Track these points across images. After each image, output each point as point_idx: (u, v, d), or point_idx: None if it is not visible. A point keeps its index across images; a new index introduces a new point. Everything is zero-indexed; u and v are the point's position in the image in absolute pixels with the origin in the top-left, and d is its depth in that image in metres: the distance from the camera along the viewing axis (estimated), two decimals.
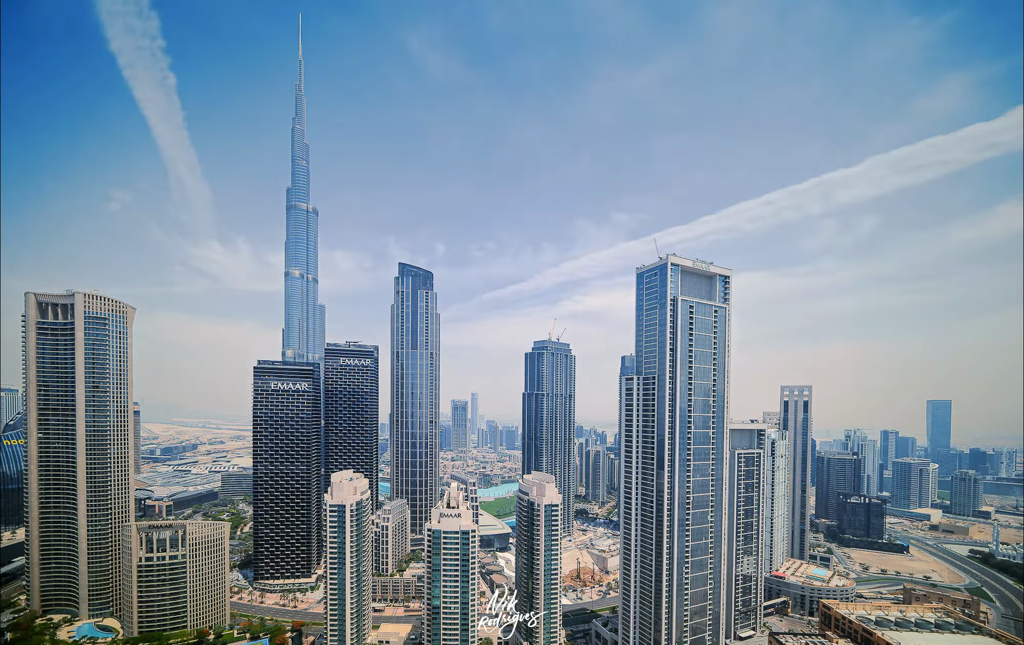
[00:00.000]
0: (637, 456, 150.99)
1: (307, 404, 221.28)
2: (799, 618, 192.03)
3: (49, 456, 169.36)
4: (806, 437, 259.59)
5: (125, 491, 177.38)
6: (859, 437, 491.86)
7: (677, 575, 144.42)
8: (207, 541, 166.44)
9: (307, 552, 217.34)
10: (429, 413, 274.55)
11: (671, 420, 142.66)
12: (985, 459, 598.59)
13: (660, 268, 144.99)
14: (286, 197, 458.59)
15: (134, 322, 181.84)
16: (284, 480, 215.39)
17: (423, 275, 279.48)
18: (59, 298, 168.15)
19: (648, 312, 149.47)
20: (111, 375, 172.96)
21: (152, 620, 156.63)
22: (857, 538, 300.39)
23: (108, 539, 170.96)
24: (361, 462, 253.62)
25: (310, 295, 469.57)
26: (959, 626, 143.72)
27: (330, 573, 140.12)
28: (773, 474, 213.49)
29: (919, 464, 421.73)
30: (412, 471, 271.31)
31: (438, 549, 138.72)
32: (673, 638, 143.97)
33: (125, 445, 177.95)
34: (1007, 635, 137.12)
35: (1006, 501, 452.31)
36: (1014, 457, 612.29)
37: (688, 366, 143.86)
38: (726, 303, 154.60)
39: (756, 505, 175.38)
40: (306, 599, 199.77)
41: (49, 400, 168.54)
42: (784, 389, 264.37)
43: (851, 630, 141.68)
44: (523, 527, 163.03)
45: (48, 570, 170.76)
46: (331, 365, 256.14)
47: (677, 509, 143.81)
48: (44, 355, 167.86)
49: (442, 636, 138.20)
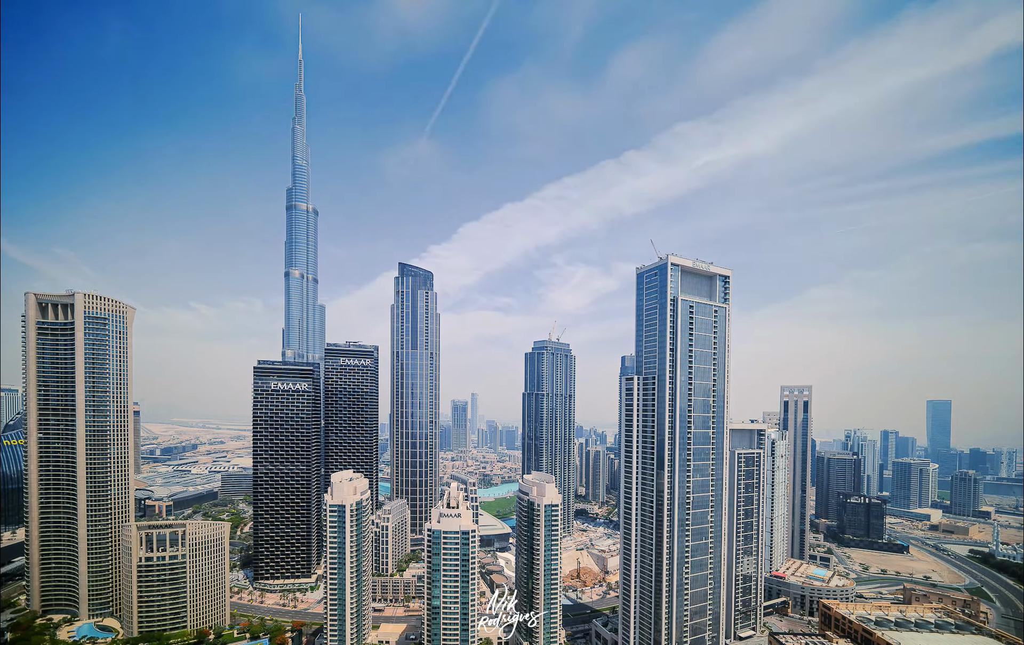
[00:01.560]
0: (637, 456, 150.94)
1: (307, 404, 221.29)
2: (799, 618, 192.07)
3: (49, 456, 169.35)
4: (806, 437, 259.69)
5: (125, 491, 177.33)
6: (859, 437, 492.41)
7: (677, 575, 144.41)
8: (207, 541, 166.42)
9: (307, 552, 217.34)
10: (429, 413, 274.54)
11: (671, 420, 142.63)
12: (985, 459, 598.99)
13: (660, 268, 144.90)
14: (286, 197, 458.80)
15: (134, 322, 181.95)
16: (284, 480, 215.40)
17: (423, 275, 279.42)
18: (59, 298, 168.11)
19: (648, 312, 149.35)
20: (111, 375, 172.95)
21: (152, 620, 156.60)
22: (857, 538, 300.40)
23: (108, 539, 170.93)
24: (361, 462, 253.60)
25: (310, 295, 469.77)
26: (959, 626, 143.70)
27: (330, 573, 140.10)
28: (773, 474, 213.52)
29: (919, 464, 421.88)
30: (412, 471, 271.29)
31: (438, 549, 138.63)
32: (673, 638, 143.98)
33: (125, 445, 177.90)
34: (1007, 635, 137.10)
35: (1006, 501, 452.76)
36: (1014, 457, 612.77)
37: (688, 366, 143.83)
38: (726, 303, 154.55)
39: (756, 505, 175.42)
40: (306, 599, 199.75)
41: (49, 400, 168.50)
42: (784, 389, 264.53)
43: (851, 630, 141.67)
44: (523, 527, 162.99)
45: (48, 570, 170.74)
46: (331, 365, 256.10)
47: (677, 509, 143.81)
48: (44, 355, 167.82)
49: (442, 636, 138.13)
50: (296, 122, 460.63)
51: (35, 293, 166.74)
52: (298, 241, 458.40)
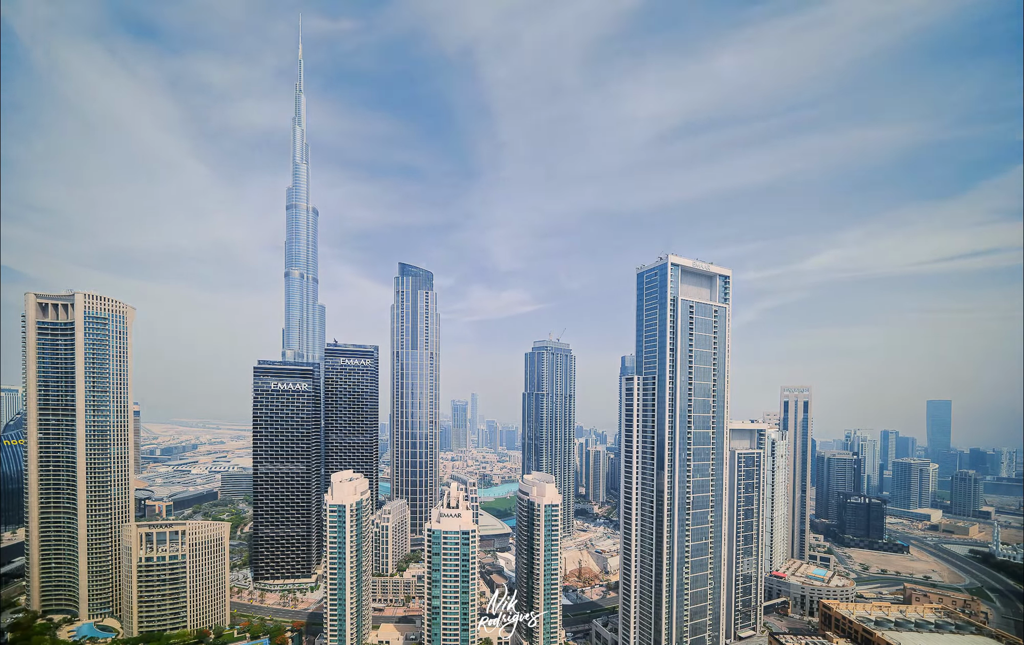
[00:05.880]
0: (637, 456, 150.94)
1: (307, 404, 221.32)
2: (799, 618, 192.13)
3: (49, 456, 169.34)
4: (806, 437, 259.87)
5: (125, 491, 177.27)
6: (859, 437, 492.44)
7: (677, 575, 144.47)
8: (207, 541, 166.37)
9: (307, 552, 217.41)
10: (429, 413, 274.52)
11: (671, 420, 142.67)
12: (985, 459, 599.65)
13: (660, 268, 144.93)
14: (286, 197, 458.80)
15: (134, 322, 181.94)
16: (284, 480, 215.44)
17: (423, 275, 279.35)
18: (59, 298, 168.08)
19: (648, 312, 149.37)
20: (111, 375, 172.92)
21: (152, 620, 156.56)
22: (857, 538, 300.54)
23: (108, 539, 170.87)
24: (361, 462, 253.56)
25: (310, 295, 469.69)
26: (959, 626, 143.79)
27: (330, 573, 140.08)
28: (773, 474, 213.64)
29: (919, 464, 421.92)
30: (412, 471, 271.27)
31: (438, 549, 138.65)
32: (673, 638, 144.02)
33: (125, 445, 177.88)
34: (1007, 635, 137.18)
35: (1006, 501, 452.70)
36: (1014, 457, 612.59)
37: (688, 366, 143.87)
38: (726, 303, 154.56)
39: (756, 505, 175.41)
40: (306, 599, 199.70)
41: (49, 400, 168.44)
42: (784, 389, 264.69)
43: (851, 630, 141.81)
44: (523, 527, 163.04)
45: (48, 570, 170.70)
46: (331, 365, 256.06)
47: (677, 509, 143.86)
48: (44, 355, 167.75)
49: (442, 636, 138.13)
50: (296, 122, 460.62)
51: (35, 293, 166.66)
52: (298, 241, 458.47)
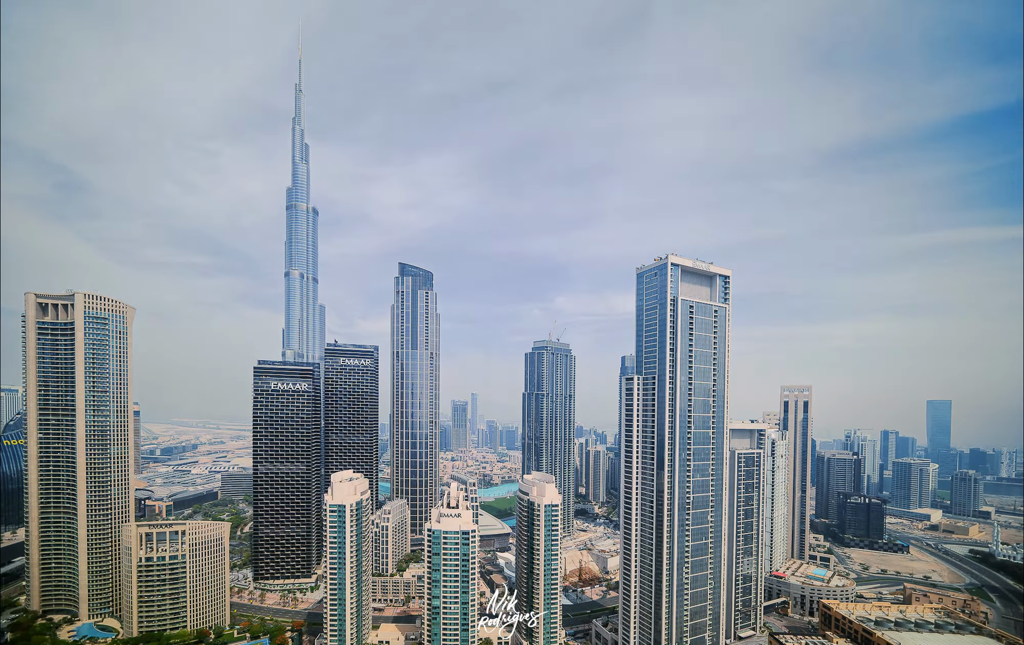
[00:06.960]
0: (637, 456, 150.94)
1: (307, 404, 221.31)
2: (799, 618, 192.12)
3: (49, 456, 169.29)
4: (806, 437, 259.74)
5: (125, 491, 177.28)
6: (859, 437, 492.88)
7: (677, 575, 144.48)
8: (207, 541, 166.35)
9: (307, 552, 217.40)
10: (429, 413, 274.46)
11: (671, 420, 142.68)
12: (985, 459, 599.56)
13: (660, 268, 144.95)
14: (286, 197, 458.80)
15: (134, 322, 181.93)
16: (284, 480, 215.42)
17: (423, 275, 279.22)
18: (59, 298, 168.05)
19: (648, 312, 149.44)
20: (111, 375, 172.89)
21: (152, 620, 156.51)
22: (857, 538, 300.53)
23: (108, 539, 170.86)
24: (361, 462, 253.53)
25: (310, 295, 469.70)
26: (959, 626, 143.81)
27: (330, 573, 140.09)
28: (773, 474, 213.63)
29: (919, 464, 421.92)
30: (412, 471, 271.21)
31: (438, 549, 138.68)
32: (673, 638, 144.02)
33: (125, 445, 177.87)
34: (1007, 635, 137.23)
35: (1006, 501, 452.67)
36: (1014, 457, 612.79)
37: (688, 366, 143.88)
38: (726, 303, 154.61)
39: (756, 505, 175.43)
40: (306, 599, 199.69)
41: (49, 400, 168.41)
42: (784, 389, 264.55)
43: (851, 630, 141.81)
44: (523, 527, 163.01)
45: (48, 570, 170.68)
46: (331, 365, 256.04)
47: (677, 509, 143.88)
48: (44, 355, 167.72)
49: (442, 636, 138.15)
50: (296, 122, 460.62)
51: (35, 293, 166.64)
52: (298, 241, 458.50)
